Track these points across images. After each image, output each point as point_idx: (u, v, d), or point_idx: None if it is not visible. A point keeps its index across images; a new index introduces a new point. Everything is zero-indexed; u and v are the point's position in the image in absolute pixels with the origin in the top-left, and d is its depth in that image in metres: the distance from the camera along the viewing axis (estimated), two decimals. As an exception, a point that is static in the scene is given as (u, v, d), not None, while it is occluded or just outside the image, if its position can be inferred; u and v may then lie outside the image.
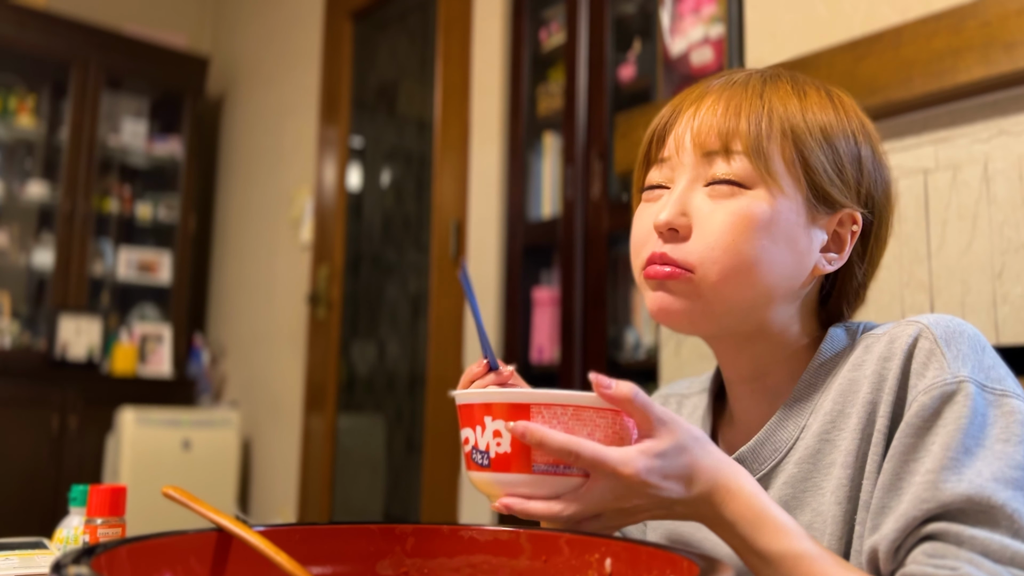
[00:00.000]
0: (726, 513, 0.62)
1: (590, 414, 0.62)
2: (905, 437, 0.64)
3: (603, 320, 2.12)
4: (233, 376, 3.91)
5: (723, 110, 0.72)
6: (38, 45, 3.64)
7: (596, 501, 0.61)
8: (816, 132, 0.72)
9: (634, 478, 0.60)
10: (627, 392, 0.62)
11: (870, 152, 0.75)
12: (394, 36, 3.29)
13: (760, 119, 0.71)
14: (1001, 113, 1.32)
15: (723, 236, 0.69)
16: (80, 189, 3.65)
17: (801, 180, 0.71)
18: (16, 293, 3.72)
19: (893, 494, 0.63)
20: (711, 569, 0.49)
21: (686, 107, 0.75)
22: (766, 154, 0.70)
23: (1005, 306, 1.28)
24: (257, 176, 3.93)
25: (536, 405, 0.61)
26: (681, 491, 0.62)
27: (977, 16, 1.31)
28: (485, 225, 2.50)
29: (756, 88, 0.73)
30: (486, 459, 0.63)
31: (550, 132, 2.39)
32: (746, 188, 0.70)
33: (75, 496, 0.80)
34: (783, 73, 0.76)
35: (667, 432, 0.62)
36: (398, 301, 3.14)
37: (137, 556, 0.53)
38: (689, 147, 0.73)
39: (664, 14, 1.98)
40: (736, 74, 0.77)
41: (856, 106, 0.77)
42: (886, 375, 0.68)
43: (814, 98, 0.74)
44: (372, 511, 3.15)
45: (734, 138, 0.71)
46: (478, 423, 0.64)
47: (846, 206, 0.73)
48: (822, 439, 0.71)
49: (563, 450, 0.60)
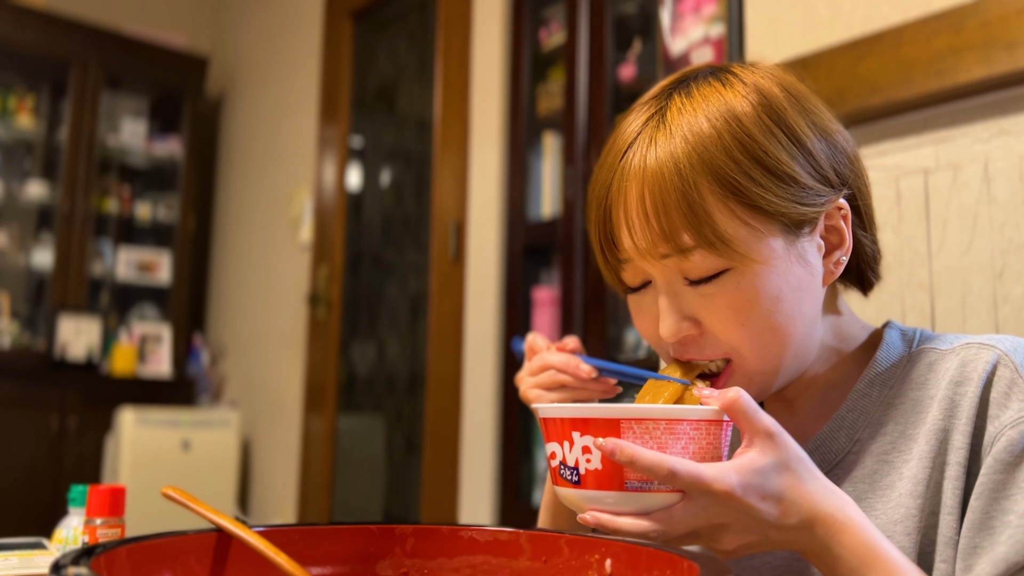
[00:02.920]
0: (833, 546, 0.58)
1: (683, 427, 0.59)
2: (994, 474, 0.61)
3: (603, 320, 2.11)
4: (233, 376, 3.91)
5: (652, 209, 0.65)
6: (37, 45, 3.64)
7: (689, 520, 0.57)
8: (748, 164, 0.64)
9: (729, 495, 0.56)
10: (732, 397, 0.58)
11: (808, 126, 0.67)
12: (394, 36, 3.29)
13: (690, 196, 0.64)
14: (1002, 113, 1.32)
15: (734, 328, 0.66)
16: (79, 189, 3.65)
17: (768, 226, 0.65)
18: (15, 293, 3.72)
19: (986, 534, 0.60)
20: (711, 570, 0.48)
21: (614, 208, 0.68)
22: (718, 234, 0.64)
23: (1006, 306, 1.28)
24: (256, 176, 3.93)
25: (627, 420, 0.58)
26: (777, 515, 0.57)
27: (977, 16, 1.31)
28: (485, 225, 2.50)
29: (665, 150, 0.65)
30: (576, 476, 0.60)
31: (550, 132, 2.39)
32: (725, 271, 0.65)
33: (74, 496, 0.80)
34: (674, 94, 0.69)
35: (771, 447, 0.58)
36: (398, 301, 3.14)
37: (136, 556, 0.53)
38: (643, 256, 0.67)
39: (664, 14, 1.98)
40: (636, 118, 0.69)
41: (768, 75, 0.69)
42: (959, 401, 0.65)
43: (716, 110, 0.66)
44: (372, 511, 3.14)
45: (680, 236, 0.64)
46: (565, 438, 0.61)
47: (824, 207, 0.68)
48: (881, 460, 0.68)
49: (657, 469, 0.56)
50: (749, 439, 0.58)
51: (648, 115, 0.69)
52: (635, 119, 0.70)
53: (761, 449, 0.58)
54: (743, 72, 0.69)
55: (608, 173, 0.69)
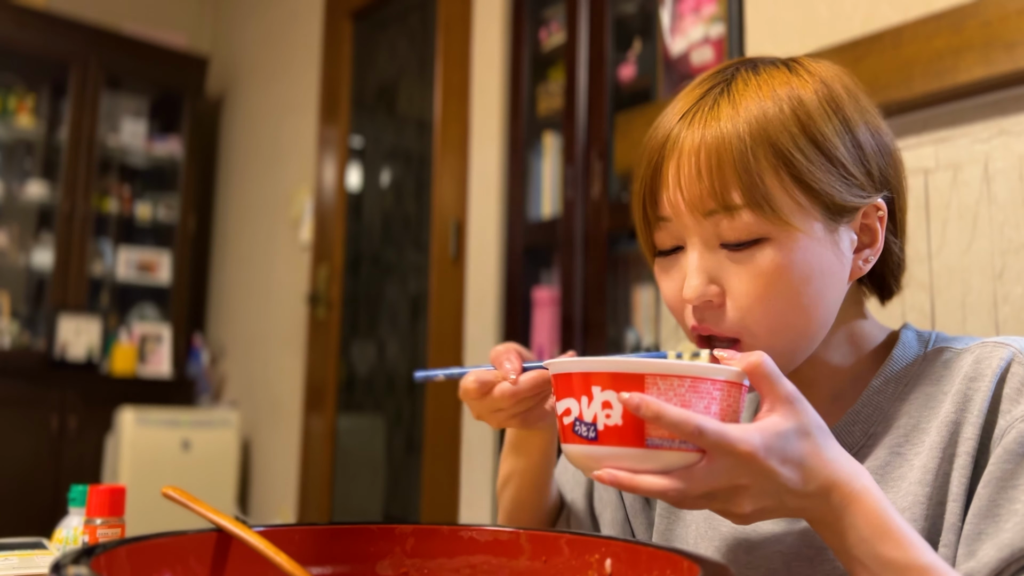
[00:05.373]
0: (847, 515, 0.58)
1: (707, 386, 0.57)
2: (1003, 463, 0.62)
3: (603, 320, 2.11)
4: (233, 376, 3.91)
5: (706, 165, 0.66)
6: (37, 45, 3.64)
7: (709, 480, 0.56)
8: (803, 142, 0.67)
9: (752, 456, 0.55)
10: (756, 360, 0.58)
11: (862, 122, 0.70)
12: (394, 36, 3.29)
13: (746, 159, 0.66)
14: (1002, 113, 1.32)
15: (759, 300, 0.66)
16: (79, 189, 3.65)
17: (812, 205, 0.67)
18: (15, 293, 3.72)
19: (991, 521, 0.61)
20: (711, 570, 0.48)
21: (666, 162, 0.69)
22: (767, 198, 0.65)
23: (1006, 306, 1.28)
24: (257, 176, 3.93)
25: (651, 376, 0.56)
26: (797, 481, 0.57)
27: (978, 16, 1.31)
28: (485, 225, 2.50)
29: (728, 115, 0.67)
30: (593, 432, 0.58)
31: (550, 132, 2.39)
32: (762, 239, 0.66)
33: (74, 496, 0.80)
34: (741, 69, 0.72)
35: (792, 412, 0.58)
36: (398, 301, 3.14)
37: (136, 556, 0.53)
38: (687, 210, 0.68)
39: (664, 14, 1.98)
40: (697, 88, 0.72)
41: (831, 70, 0.72)
42: (972, 396, 0.66)
43: (782, 90, 0.68)
44: (372, 511, 3.14)
45: (729, 194, 0.66)
46: (584, 393, 0.58)
47: (866, 200, 0.69)
48: (893, 452, 0.69)
49: (683, 426, 0.55)
50: (771, 403, 0.58)
51: (712, 85, 0.71)
52: (697, 88, 0.72)
53: (783, 413, 0.57)
54: (808, 63, 0.72)
55: (664, 132, 0.70)
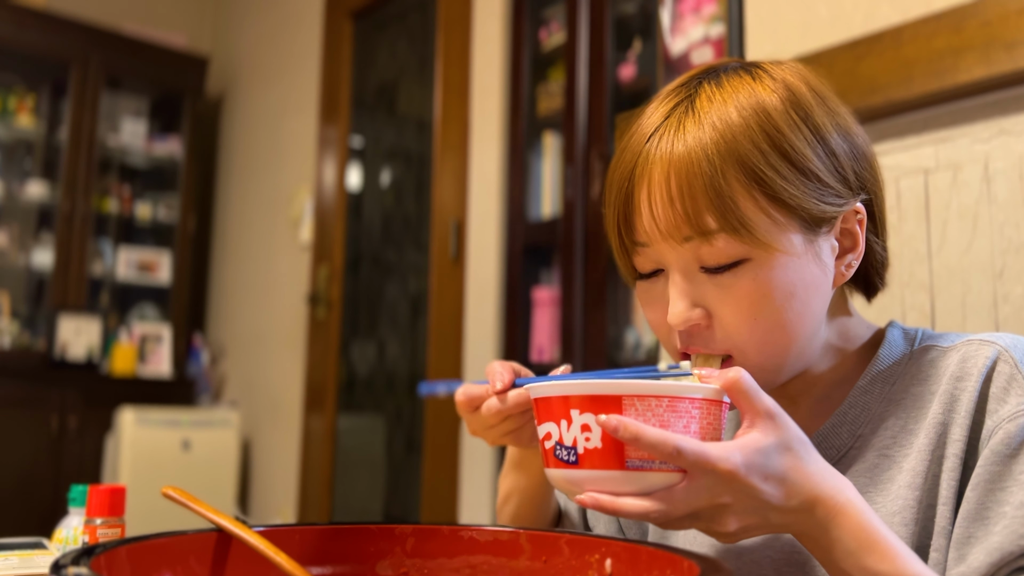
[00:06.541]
0: (832, 528, 0.57)
1: (685, 405, 0.57)
2: (991, 465, 0.61)
3: (603, 320, 2.11)
4: (233, 376, 3.91)
5: (677, 190, 0.65)
6: (37, 45, 3.64)
7: (691, 500, 0.56)
8: (774, 158, 0.65)
9: (733, 475, 0.54)
10: (734, 377, 0.57)
11: (833, 127, 0.68)
12: (394, 36, 3.29)
13: (717, 182, 0.64)
14: (1002, 113, 1.32)
15: (744, 322, 0.66)
16: (80, 189, 3.65)
17: (789, 220, 0.65)
18: (15, 293, 3.72)
19: (980, 524, 0.61)
20: (711, 569, 0.48)
21: (637, 189, 0.68)
22: (742, 220, 0.64)
23: (1006, 306, 1.28)
24: (257, 176, 3.93)
25: (628, 397, 0.56)
26: (780, 497, 0.56)
27: (978, 16, 1.31)
28: (485, 225, 2.50)
29: (694, 135, 0.65)
30: (573, 455, 0.58)
31: (550, 132, 2.39)
32: (742, 261, 0.65)
33: (74, 496, 0.80)
34: (703, 82, 0.69)
35: (772, 427, 0.57)
36: (398, 301, 3.14)
37: (136, 556, 0.53)
38: (663, 238, 0.66)
39: (664, 14, 1.98)
40: (661, 106, 0.69)
41: (796, 73, 0.70)
42: (959, 396, 0.65)
43: (747, 102, 0.66)
44: (372, 511, 3.14)
45: (703, 219, 0.64)
46: (563, 417, 0.58)
47: (843, 207, 0.68)
48: (881, 454, 0.69)
49: (662, 447, 0.54)
50: (751, 420, 0.57)
51: (676, 102, 0.69)
52: (661, 106, 0.70)
53: (763, 430, 0.57)
54: (771, 68, 0.70)
55: (632, 156, 0.68)
